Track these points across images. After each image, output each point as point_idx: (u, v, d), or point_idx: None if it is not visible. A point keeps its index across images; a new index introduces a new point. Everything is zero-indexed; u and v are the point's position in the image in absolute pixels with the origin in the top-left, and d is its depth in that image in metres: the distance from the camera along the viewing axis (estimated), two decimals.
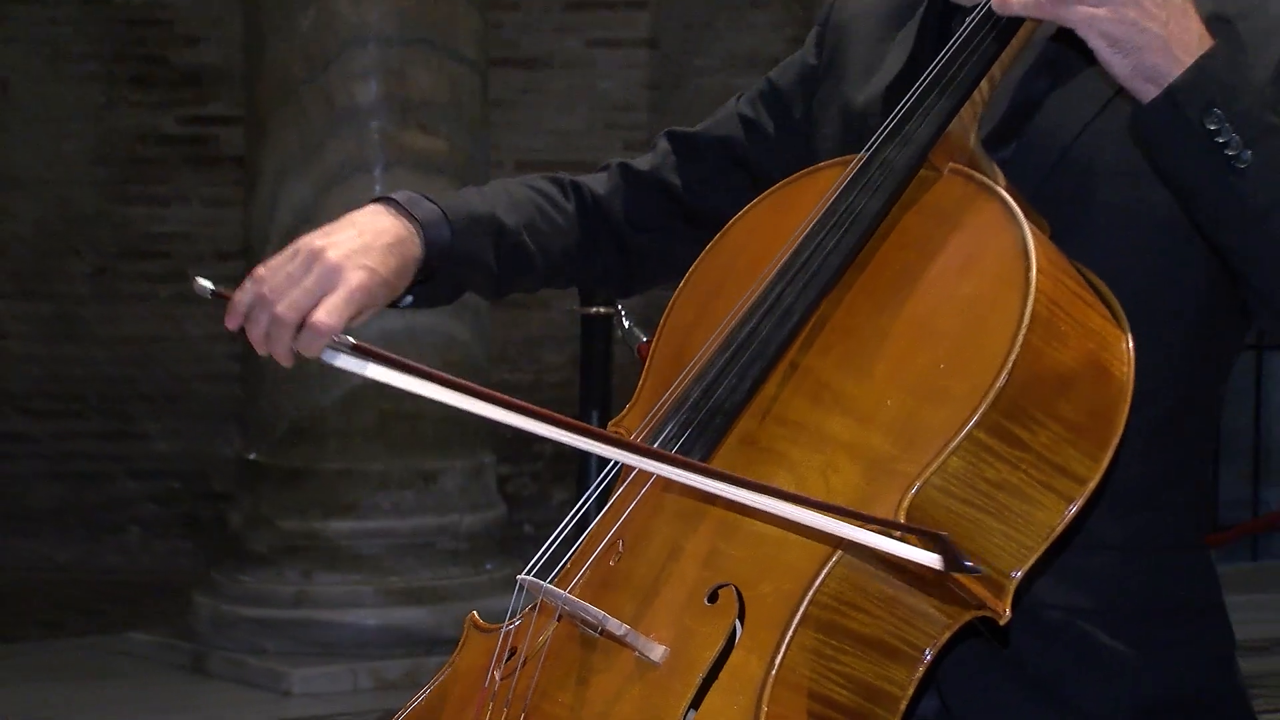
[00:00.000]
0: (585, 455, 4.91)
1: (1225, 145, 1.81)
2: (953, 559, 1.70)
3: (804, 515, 1.76)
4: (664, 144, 2.35)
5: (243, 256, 7.18)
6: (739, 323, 1.96)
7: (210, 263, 9.81)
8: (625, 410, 2.08)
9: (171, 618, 6.85)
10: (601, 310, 4.92)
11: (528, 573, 1.94)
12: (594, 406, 4.95)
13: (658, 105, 9.70)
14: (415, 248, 2.07)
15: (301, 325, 1.96)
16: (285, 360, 2.00)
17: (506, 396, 1.93)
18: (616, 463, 1.96)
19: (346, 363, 1.97)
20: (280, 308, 1.96)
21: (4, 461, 8.43)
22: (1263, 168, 1.82)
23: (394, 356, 1.96)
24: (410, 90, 6.41)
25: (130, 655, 6.70)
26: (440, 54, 6.45)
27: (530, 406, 1.90)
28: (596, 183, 2.31)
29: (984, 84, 1.97)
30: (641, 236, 2.32)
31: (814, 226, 1.96)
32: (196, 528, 9.13)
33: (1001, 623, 1.79)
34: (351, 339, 1.97)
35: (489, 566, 6.51)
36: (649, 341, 2.15)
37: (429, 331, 6.20)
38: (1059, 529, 1.82)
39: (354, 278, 1.98)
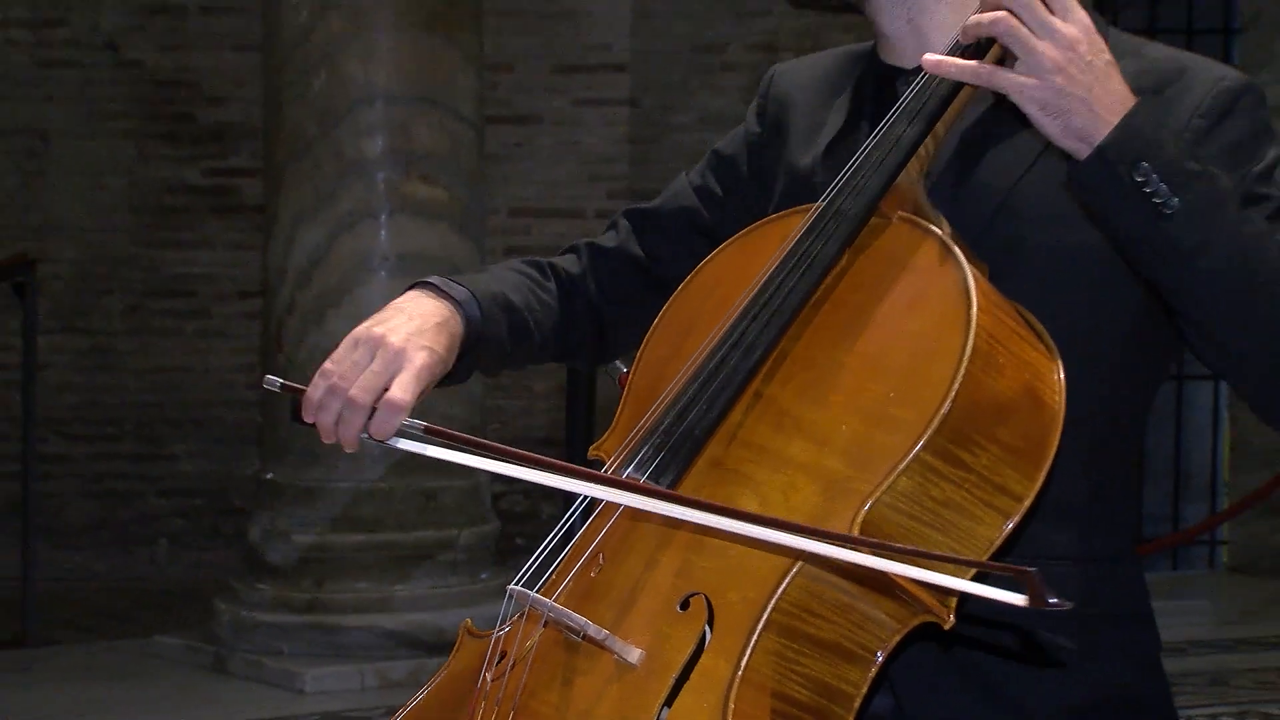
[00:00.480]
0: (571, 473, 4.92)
1: (1153, 194, 1.81)
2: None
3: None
4: (624, 222, 2.33)
5: (261, 295, 7.17)
6: (708, 356, 1.95)
7: (232, 301, 9.84)
8: (605, 435, 2.07)
9: (196, 623, 6.83)
10: None
11: (517, 583, 1.94)
12: (578, 430, 4.95)
13: (637, 158, 9.71)
14: (458, 325, 2.06)
15: (373, 409, 1.94)
16: (351, 445, 1.97)
17: (541, 457, 1.90)
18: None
19: (417, 445, 1.96)
20: (354, 392, 1.93)
21: (45, 481, 8.39)
22: (1189, 212, 1.82)
23: (465, 436, 1.94)
24: (413, 144, 6.40)
25: (158, 657, 6.68)
26: (441, 112, 6.44)
27: (544, 459, 1.89)
28: (568, 264, 2.29)
29: (929, 140, 1.97)
30: (615, 309, 2.30)
31: (775, 269, 1.96)
32: (219, 540, 9.10)
33: (946, 628, 1.79)
34: (423, 423, 1.94)
35: (484, 576, 6.49)
36: (628, 372, 2.15)
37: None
38: (998, 542, 1.82)
39: (418, 358, 1.96)
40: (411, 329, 2.00)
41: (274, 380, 1.99)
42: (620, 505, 1.95)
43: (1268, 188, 1.94)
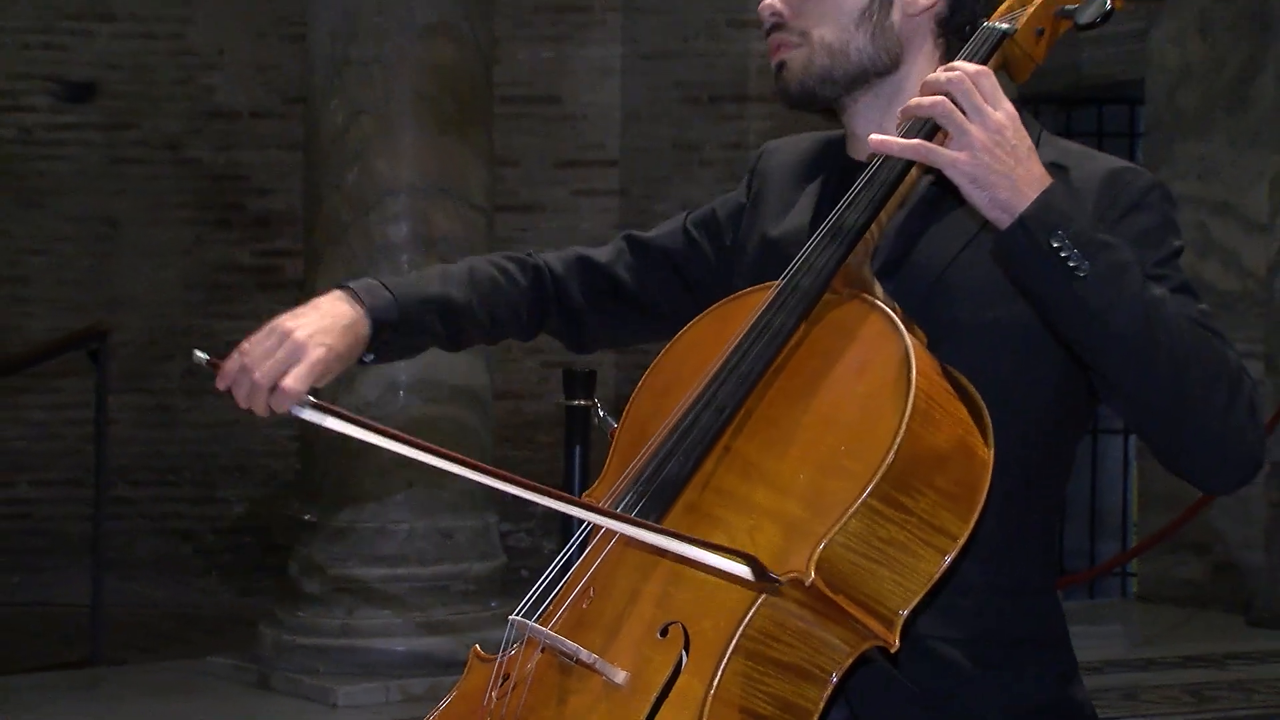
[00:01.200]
0: (566, 516, 4.91)
1: (1068, 259, 1.80)
2: (761, 574, 1.73)
3: (716, 562, 1.77)
4: (621, 244, 2.33)
5: None
6: (684, 414, 1.94)
7: None
8: (595, 483, 2.06)
9: (243, 645, 6.78)
10: (582, 403, 4.91)
11: (518, 613, 1.94)
12: (575, 477, 4.94)
13: None
14: (365, 328, 2.08)
15: (274, 389, 1.99)
16: (262, 413, 2.03)
17: (456, 454, 1.93)
18: (588, 524, 1.95)
19: (310, 415, 2.00)
20: (257, 375, 1.99)
21: (114, 520, 8.36)
22: (1098, 276, 1.81)
23: (345, 413, 2.00)
24: (433, 230, 6.39)
25: (210, 674, 6.64)
26: (456, 201, 6.43)
27: (507, 474, 1.91)
28: (556, 264, 2.29)
29: (874, 227, 1.97)
30: (591, 313, 2.31)
31: (743, 338, 1.95)
32: (263, 573, 9.05)
33: (892, 650, 1.79)
34: (312, 398, 2.00)
35: (493, 604, 6.45)
36: (618, 427, 2.15)
37: (447, 420, 6.18)
38: (937, 576, 1.80)
39: (314, 353, 2.00)
40: (318, 326, 2.04)
41: (201, 357, 2.04)
42: (606, 546, 1.95)
43: (1167, 270, 1.94)
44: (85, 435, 8.59)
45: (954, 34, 2.09)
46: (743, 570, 1.74)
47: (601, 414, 4.76)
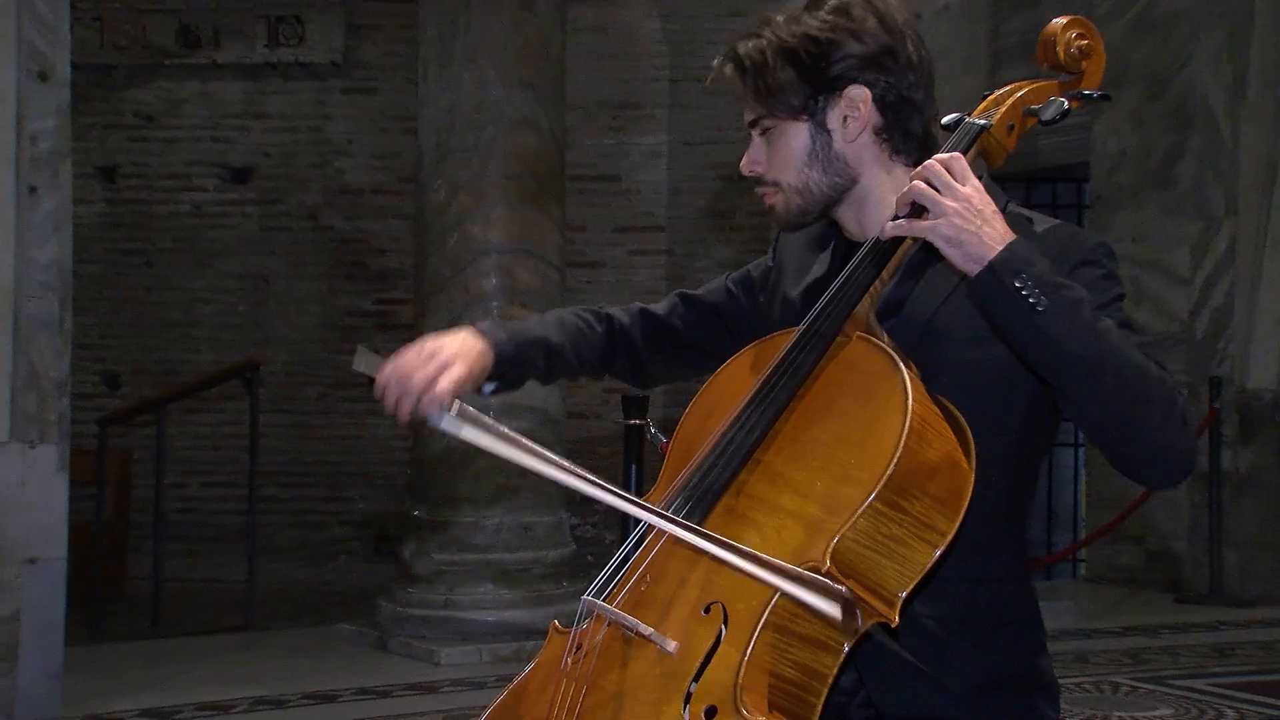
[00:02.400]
0: (626, 513, 4.87)
1: (1028, 296, 1.80)
2: (849, 611, 1.74)
3: (753, 569, 1.77)
4: (675, 299, 2.33)
5: None
6: (724, 433, 1.93)
7: None
8: (651, 490, 2.06)
9: (365, 615, 6.80)
10: (636, 422, 4.91)
11: (588, 594, 1.92)
12: (630, 487, 4.89)
13: (671, 292, 9.76)
14: (489, 360, 2.09)
15: (420, 396, 1.98)
16: (405, 417, 2.01)
17: (566, 463, 1.94)
18: (646, 523, 1.92)
19: (448, 424, 1.97)
20: (411, 382, 1.98)
21: (263, 515, 8.39)
22: (1055, 309, 1.80)
23: (484, 420, 1.97)
24: (516, 283, 6.40)
25: (339, 639, 6.66)
26: (535, 259, 6.45)
27: (584, 473, 1.92)
28: (622, 316, 2.29)
29: (876, 283, 1.97)
30: (651, 355, 2.30)
31: (771, 372, 1.95)
32: (381, 558, 9.08)
33: (893, 626, 1.77)
34: (460, 406, 1.99)
35: (564, 584, 6.44)
36: (668, 442, 2.14)
37: (528, 436, 6.14)
38: (929, 565, 1.78)
39: (456, 371, 2.00)
40: (459, 351, 2.04)
41: (366, 354, 2.04)
42: (660, 540, 1.93)
43: (1111, 311, 1.91)
44: (241, 446, 8.66)
45: (897, 133, 2.07)
46: (834, 610, 1.75)
47: (653, 431, 4.79)
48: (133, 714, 5.25)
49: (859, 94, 2.02)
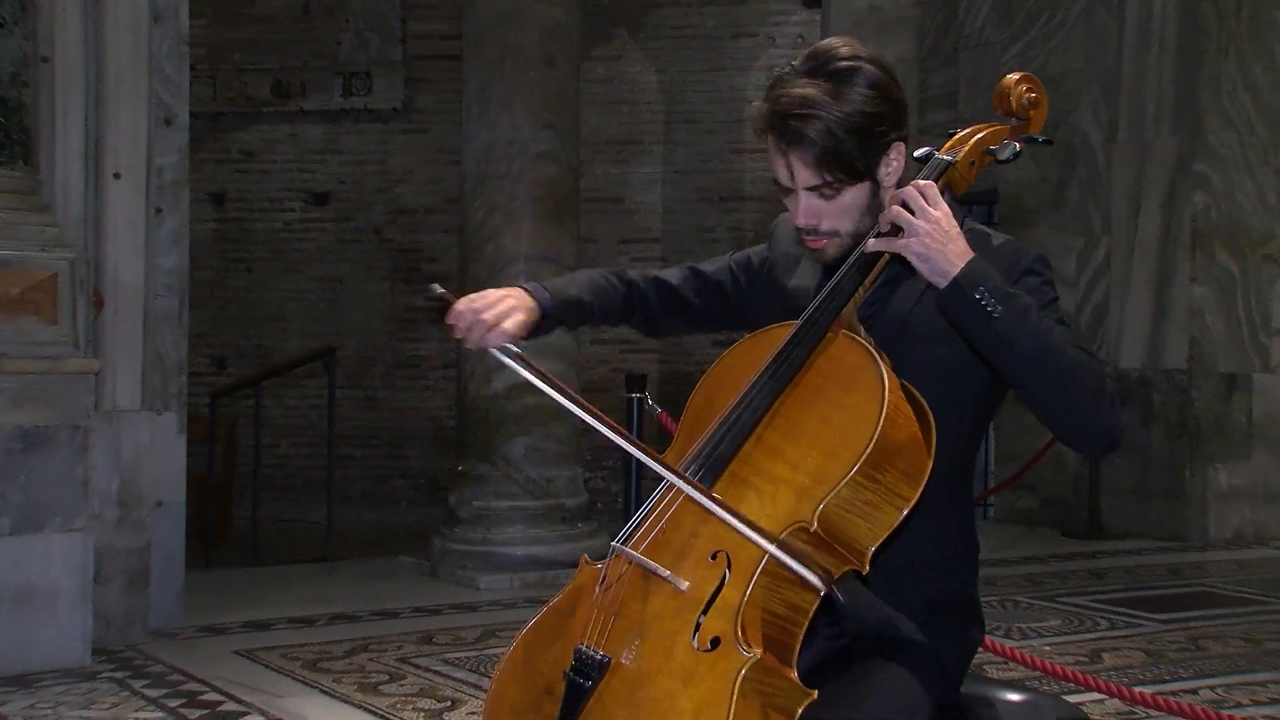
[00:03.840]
0: (630, 467, 4.86)
1: (985, 305, 1.78)
2: (826, 581, 1.73)
3: (746, 531, 1.74)
4: (687, 272, 2.24)
5: (456, 366, 7.13)
6: (731, 411, 1.89)
7: (439, 370, 9.91)
8: (667, 451, 1.99)
9: (420, 550, 6.80)
10: (637, 395, 4.88)
11: (617, 541, 1.87)
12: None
13: None
14: (536, 312, 2.05)
15: (490, 330, 1.96)
16: (474, 346, 1.98)
17: (601, 414, 1.89)
18: (666, 480, 1.88)
19: (506, 358, 1.95)
20: (483, 315, 1.97)
21: (339, 469, 8.38)
22: (1007, 315, 1.78)
23: (532, 363, 1.93)
24: None
25: (400, 568, 6.68)
26: (555, 265, 6.39)
27: (617, 426, 1.88)
28: (641, 280, 2.22)
29: (859, 290, 1.93)
30: (663, 312, 2.23)
31: (770, 361, 1.90)
32: (434, 505, 9.05)
33: (864, 573, 1.77)
34: (515, 348, 1.96)
35: (579, 526, 6.40)
36: (663, 412, 2.09)
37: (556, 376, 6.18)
38: (896, 525, 1.76)
39: (519, 317, 1.99)
40: (518, 301, 2.02)
41: (438, 290, 2.01)
42: (679, 496, 1.87)
43: (1050, 311, 1.88)
44: (321, 415, 8.64)
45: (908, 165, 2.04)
46: (813, 578, 1.73)
47: (649, 403, 4.77)
48: (237, 625, 5.27)
49: (898, 147, 1.96)
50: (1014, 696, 2.00)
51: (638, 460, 1.89)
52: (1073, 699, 3.42)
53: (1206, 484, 7.62)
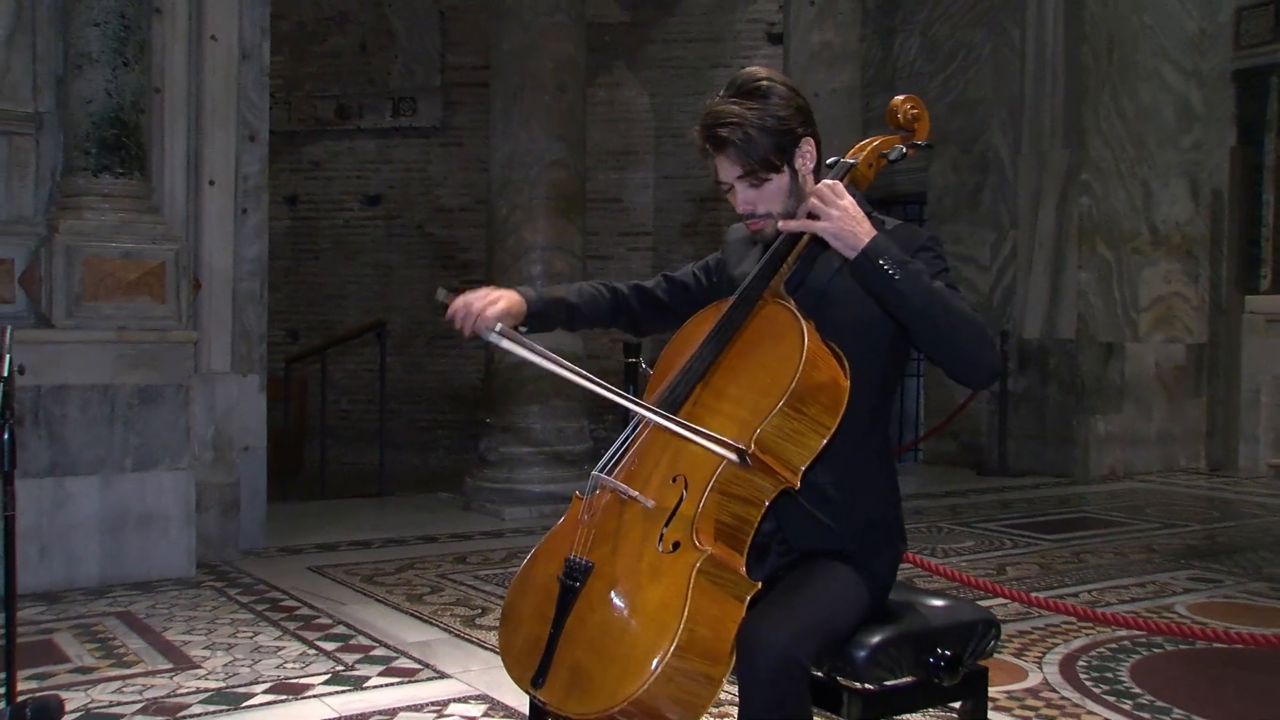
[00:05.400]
0: (625, 419, 4.91)
1: (889, 270, 1.80)
2: (743, 461, 1.73)
3: (703, 442, 1.76)
4: (660, 279, 2.25)
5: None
6: (686, 363, 1.92)
7: (472, 340, 9.80)
8: (642, 397, 2.00)
9: (455, 487, 6.83)
10: (633, 360, 4.92)
11: (597, 469, 1.91)
12: (632, 392, 4.92)
13: (655, 274, 9.74)
14: (524, 308, 2.05)
15: (476, 316, 1.96)
16: (468, 333, 1.98)
17: (591, 375, 1.88)
18: (635, 417, 1.91)
19: (494, 339, 1.93)
20: (473, 305, 1.97)
21: (390, 421, 8.39)
22: (906, 278, 1.80)
23: (527, 341, 1.92)
24: (553, 269, 6.37)
25: (439, 502, 6.70)
26: (565, 254, 6.42)
27: (604, 383, 1.88)
28: (624, 288, 2.21)
29: (784, 265, 1.95)
30: (643, 313, 2.22)
31: (715, 325, 1.93)
32: (467, 450, 9.08)
33: (795, 489, 1.78)
34: (501, 326, 1.95)
35: (585, 467, 6.39)
36: (651, 371, 2.12)
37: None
38: (819, 448, 1.78)
39: (501, 305, 1.99)
40: (505, 295, 2.02)
41: (443, 292, 2.00)
42: (645, 430, 1.89)
43: (940, 276, 1.88)
44: (374, 377, 8.65)
45: (820, 161, 2.05)
46: (733, 455, 1.75)
47: (643, 366, 4.81)
48: (310, 545, 5.33)
49: (809, 141, 1.99)
50: (937, 602, 2.04)
51: (630, 412, 1.91)
52: (984, 603, 3.49)
53: (1089, 431, 7.75)
